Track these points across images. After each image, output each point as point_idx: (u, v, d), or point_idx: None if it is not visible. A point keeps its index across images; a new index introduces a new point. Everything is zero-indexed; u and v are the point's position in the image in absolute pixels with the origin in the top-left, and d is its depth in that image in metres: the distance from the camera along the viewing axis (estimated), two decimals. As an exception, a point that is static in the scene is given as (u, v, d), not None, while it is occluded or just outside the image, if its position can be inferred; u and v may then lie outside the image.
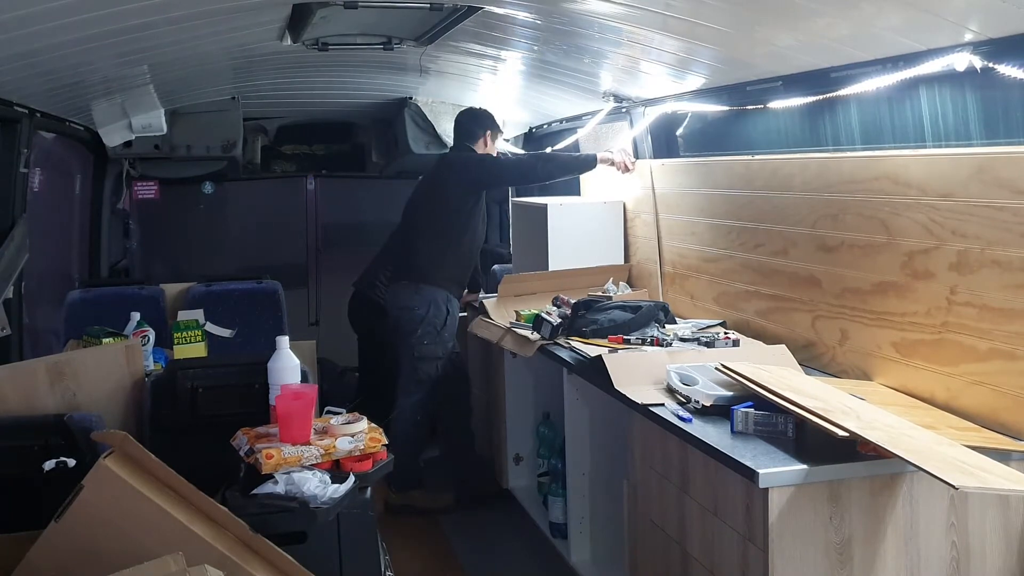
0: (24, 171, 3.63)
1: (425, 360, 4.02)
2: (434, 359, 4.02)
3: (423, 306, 3.99)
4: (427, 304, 3.99)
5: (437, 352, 4.02)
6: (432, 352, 4.01)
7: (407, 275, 4.09)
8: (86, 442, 2.27)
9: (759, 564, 2.01)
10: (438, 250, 4.05)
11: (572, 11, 2.82)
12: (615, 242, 4.32)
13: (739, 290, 3.41)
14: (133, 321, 3.65)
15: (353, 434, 2.32)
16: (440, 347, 4.02)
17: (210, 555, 1.90)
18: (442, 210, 4.08)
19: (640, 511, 2.66)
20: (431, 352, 4.01)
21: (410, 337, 4.01)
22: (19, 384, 2.57)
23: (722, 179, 3.46)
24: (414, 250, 4.10)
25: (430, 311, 3.99)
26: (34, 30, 2.43)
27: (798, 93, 2.85)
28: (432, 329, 3.99)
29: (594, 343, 3.30)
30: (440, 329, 4.00)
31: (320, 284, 6.15)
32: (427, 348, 4.00)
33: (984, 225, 2.22)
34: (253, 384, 2.61)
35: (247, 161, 5.40)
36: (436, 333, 4.00)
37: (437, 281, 4.04)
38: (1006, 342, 2.18)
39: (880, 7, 2.14)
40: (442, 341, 4.02)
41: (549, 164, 4.15)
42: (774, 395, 2.25)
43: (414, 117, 4.95)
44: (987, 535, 2.07)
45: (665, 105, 3.71)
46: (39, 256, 3.97)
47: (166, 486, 1.97)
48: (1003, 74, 2.07)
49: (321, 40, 3.52)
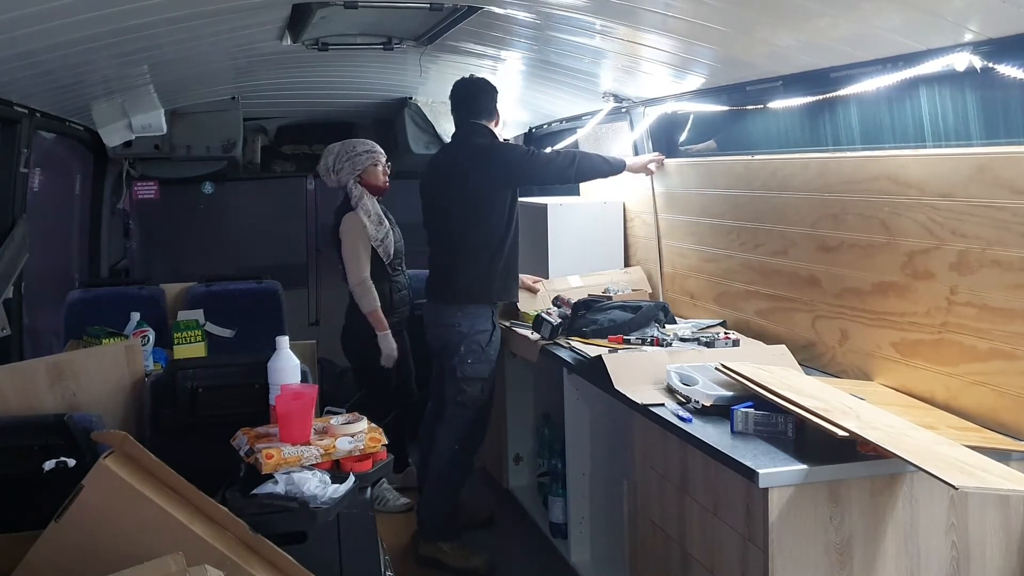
0: (24, 171, 3.63)
1: (470, 381, 3.57)
2: (479, 380, 3.57)
3: (466, 322, 3.56)
4: (471, 321, 3.55)
5: (483, 372, 3.58)
6: (477, 372, 3.57)
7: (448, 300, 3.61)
8: (86, 442, 2.27)
9: (759, 564, 2.01)
10: (483, 270, 3.56)
11: (572, 11, 2.82)
12: (615, 242, 4.32)
13: (739, 290, 3.41)
14: (133, 321, 3.66)
15: (353, 434, 2.33)
16: (486, 366, 3.58)
17: (210, 555, 1.90)
18: (480, 225, 3.57)
19: (640, 511, 2.66)
20: (476, 372, 3.57)
21: (453, 356, 3.58)
22: (19, 384, 2.57)
23: (722, 179, 3.46)
24: (453, 274, 3.60)
25: (473, 328, 3.56)
26: (34, 30, 2.43)
27: (798, 93, 2.85)
28: (477, 347, 3.56)
29: (594, 343, 3.30)
30: (485, 347, 3.57)
31: (320, 284, 6.14)
32: (471, 368, 3.56)
33: (984, 225, 2.22)
34: (253, 384, 2.61)
35: (247, 161, 5.40)
36: (481, 351, 3.56)
37: (484, 301, 3.58)
38: (1006, 342, 2.18)
39: (880, 7, 2.13)
40: (488, 360, 3.58)
41: (583, 164, 3.70)
42: (774, 395, 2.25)
43: (414, 117, 4.95)
44: (987, 535, 2.07)
45: (665, 105, 3.71)
46: (39, 256, 3.97)
47: (166, 486, 1.97)
48: (1003, 74, 2.07)
49: (321, 40, 3.52)
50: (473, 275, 3.56)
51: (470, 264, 3.57)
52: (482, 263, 3.56)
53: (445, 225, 3.68)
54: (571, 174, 3.67)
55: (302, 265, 6.15)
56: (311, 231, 6.18)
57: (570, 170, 3.65)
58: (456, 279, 3.58)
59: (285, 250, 6.14)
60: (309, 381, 2.64)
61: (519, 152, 3.72)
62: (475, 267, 3.56)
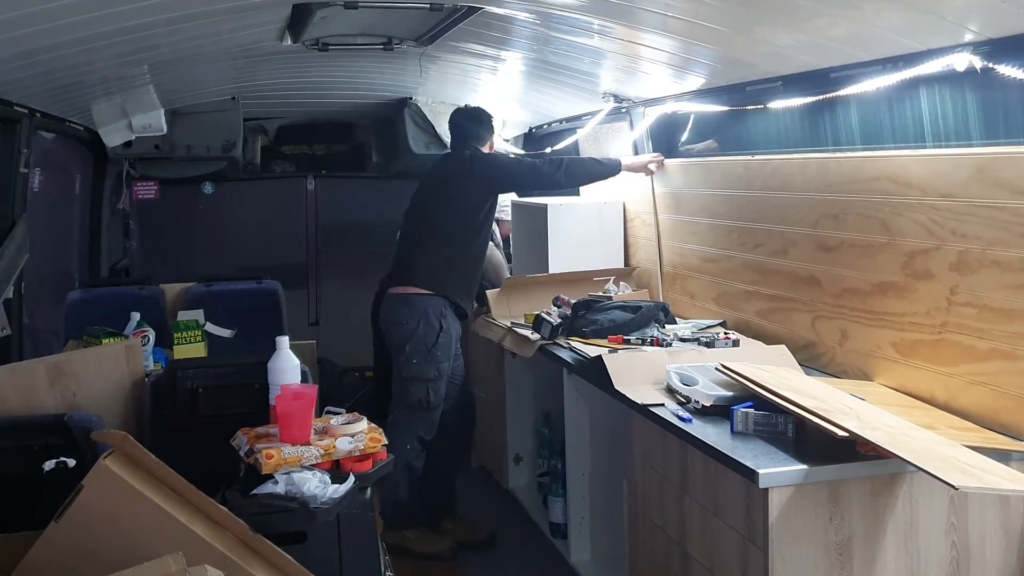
0: (24, 171, 3.63)
1: (415, 381, 3.59)
2: (424, 380, 3.57)
3: (413, 319, 3.59)
4: (418, 318, 3.59)
5: (428, 373, 3.57)
6: (422, 373, 3.57)
7: (403, 283, 3.68)
8: (86, 442, 2.27)
9: (759, 564, 2.01)
10: (443, 258, 3.65)
11: (572, 11, 2.82)
12: (615, 242, 4.32)
13: (739, 290, 3.41)
14: (133, 321, 3.65)
15: (353, 434, 2.32)
16: (431, 367, 3.58)
17: (210, 555, 1.90)
18: (452, 213, 3.70)
19: (640, 511, 2.66)
20: (421, 372, 3.57)
21: (399, 354, 3.62)
22: (19, 384, 2.56)
23: (722, 179, 3.46)
24: (414, 256, 3.71)
25: (420, 326, 3.58)
26: (34, 30, 2.43)
27: (798, 93, 2.85)
28: (422, 347, 3.57)
29: (594, 343, 3.30)
30: (431, 347, 3.57)
31: (320, 284, 6.15)
32: (416, 368, 3.57)
33: (984, 225, 2.22)
34: (253, 384, 2.60)
35: (247, 161, 5.40)
36: (427, 351, 3.57)
37: (437, 292, 3.63)
38: (1006, 342, 2.18)
39: (880, 7, 2.13)
40: (434, 361, 3.58)
41: (573, 168, 3.78)
42: (774, 395, 2.25)
43: (414, 117, 4.95)
44: (987, 535, 2.07)
45: (665, 105, 3.71)
46: (39, 256, 3.97)
47: (166, 486, 1.97)
48: (1003, 74, 2.07)
49: (321, 40, 3.52)
50: (432, 261, 3.65)
51: (433, 249, 3.68)
52: (443, 252, 3.66)
53: (421, 215, 3.82)
54: (559, 177, 3.74)
55: (302, 265, 6.15)
56: (311, 231, 6.18)
57: (558, 174, 3.73)
58: (415, 263, 3.69)
59: (285, 250, 6.14)
60: (309, 381, 2.64)
61: (506, 158, 3.86)
62: (437, 254, 3.66)
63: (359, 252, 5.99)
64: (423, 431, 3.65)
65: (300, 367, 2.54)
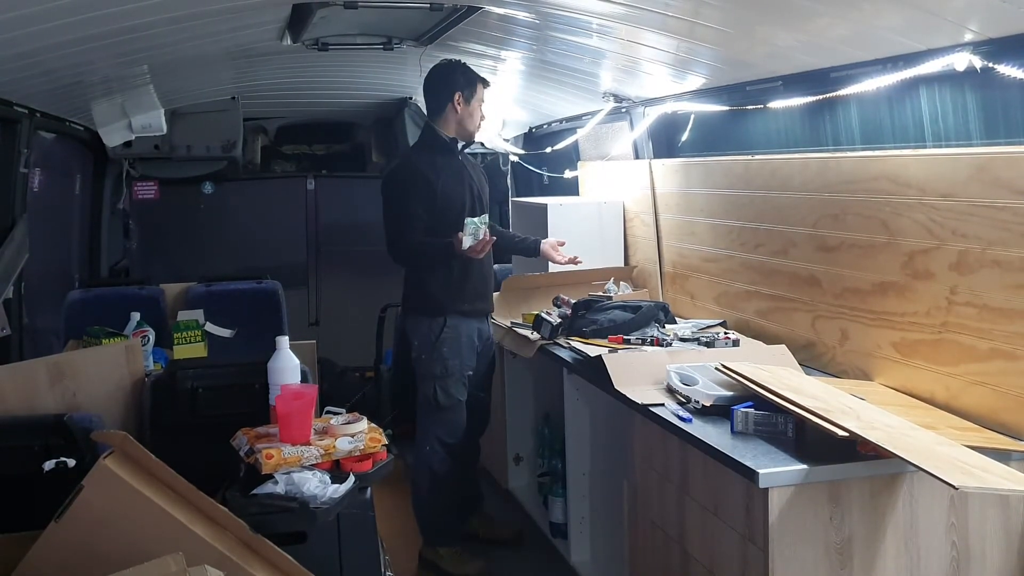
0: (24, 171, 3.63)
1: (423, 379, 3.49)
2: (431, 378, 3.45)
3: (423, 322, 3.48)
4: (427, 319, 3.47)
5: (434, 370, 3.44)
6: (428, 370, 3.46)
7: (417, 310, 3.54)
8: (86, 442, 2.27)
9: (759, 564, 2.01)
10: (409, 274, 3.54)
11: (572, 11, 2.82)
12: (615, 242, 4.32)
13: (739, 290, 3.41)
14: (133, 321, 3.66)
15: (353, 434, 2.33)
16: (437, 364, 3.44)
17: (210, 555, 1.90)
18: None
19: (640, 511, 2.66)
20: (427, 370, 3.46)
21: (412, 354, 3.54)
22: (19, 384, 2.57)
23: (722, 179, 3.46)
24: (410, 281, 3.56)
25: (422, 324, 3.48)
26: (34, 30, 2.43)
27: (798, 93, 2.85)
28: (427, 342, 3.45)
29: (594, 343, 3.30)
30: (435, 342, 3.43)
31: (320, 284, 6.15)
32: (424, 365, 3.47)
33: (984, 225, 2.22)
34: (253, 384, 2.60)
35: (247, 161, 5.40)
36: (431, 348, 3.44)
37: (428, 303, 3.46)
38: (1006, 342, 2.18)
39: (880, 7, 2.14)
40: (440, 358, 3.43)
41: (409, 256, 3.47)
42: (774, 395, 2.25)
43: (414, 117, 4.94)
44: (987, 535, 2.07)
45: (665, 105, 3.71)
46: (39, 256, 3.97)
47: (166, 486, 1.97)
48: (1003, 74, 2.07)
49: (321, 40, 3.52)
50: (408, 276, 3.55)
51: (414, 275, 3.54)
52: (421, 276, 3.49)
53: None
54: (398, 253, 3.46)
55: (302, 265, 6.15)
56: (311, 231, 6.18)
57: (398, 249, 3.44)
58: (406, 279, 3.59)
59: (285, 250, 6.14)
60: (309, 381, 2.64)
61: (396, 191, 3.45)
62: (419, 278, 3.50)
63: (359, 252, 5.99)
64: (442, 433, 3.50)
65: (300, 367, 2.55)
